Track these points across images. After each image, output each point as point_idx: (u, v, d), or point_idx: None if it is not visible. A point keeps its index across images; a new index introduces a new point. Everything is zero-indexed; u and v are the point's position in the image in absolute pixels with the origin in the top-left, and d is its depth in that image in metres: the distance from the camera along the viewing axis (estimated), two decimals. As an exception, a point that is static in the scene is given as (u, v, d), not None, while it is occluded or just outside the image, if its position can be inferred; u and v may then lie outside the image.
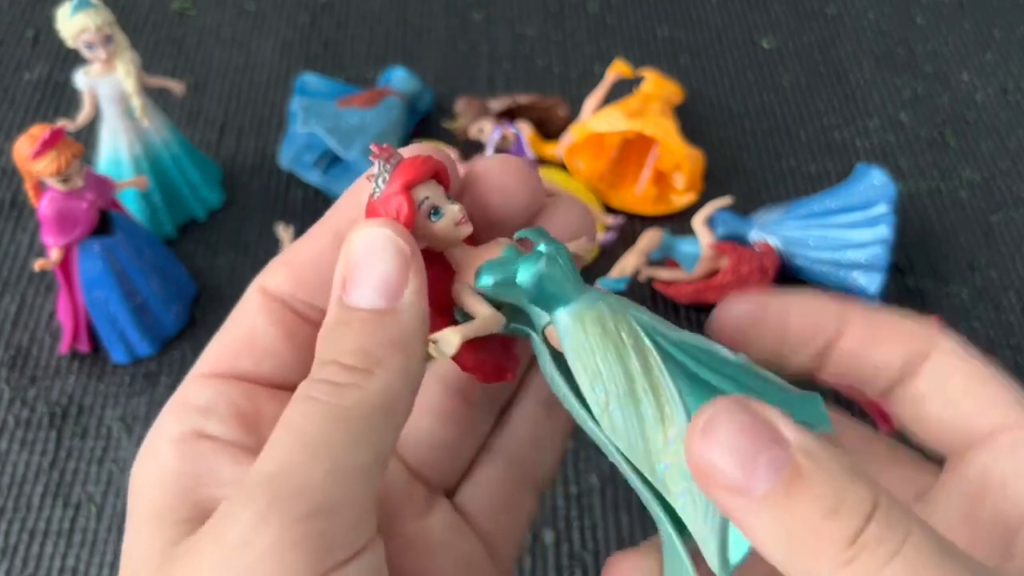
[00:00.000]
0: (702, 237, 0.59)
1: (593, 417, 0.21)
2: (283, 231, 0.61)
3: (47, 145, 0.48)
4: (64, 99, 0.71)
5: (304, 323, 0.23)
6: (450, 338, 0.21)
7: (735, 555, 0.19)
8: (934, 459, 0.24)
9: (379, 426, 0.19)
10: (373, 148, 0.22)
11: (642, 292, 0.60)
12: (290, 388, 0.23)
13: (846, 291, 0.59)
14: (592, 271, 0.61)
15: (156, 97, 0.61)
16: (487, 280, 0.22)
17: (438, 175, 0.22)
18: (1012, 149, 0.70)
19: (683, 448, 0.19)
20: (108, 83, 0.56)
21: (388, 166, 0.22)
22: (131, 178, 0.58)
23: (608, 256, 0.61)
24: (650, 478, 0.20)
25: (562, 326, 0.22)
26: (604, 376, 0.21)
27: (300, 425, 0.19)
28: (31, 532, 0.50)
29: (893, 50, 0.78)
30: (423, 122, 0.70)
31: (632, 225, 0.64)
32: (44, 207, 0.51)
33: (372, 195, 0.22)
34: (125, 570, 0.20)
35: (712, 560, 0.19)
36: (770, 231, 0.60)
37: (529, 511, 0.26)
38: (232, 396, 0.22)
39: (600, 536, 0.50)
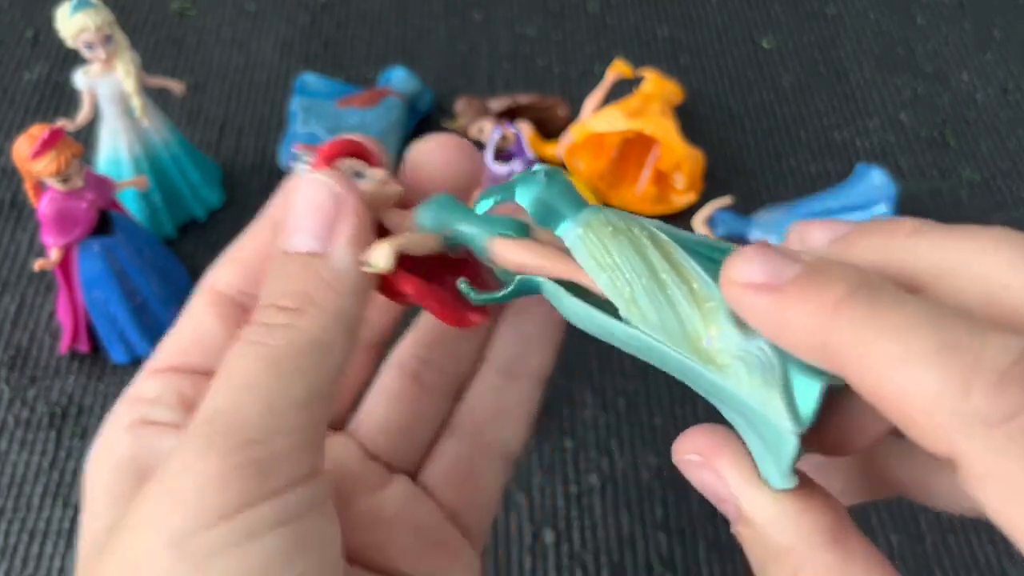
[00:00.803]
0: (702, 237, 0.59)
1: (621, 319, 0.20)
2: (283, 231, 0.61)
3: (47, 145, 0.48)
4: (64, 99, 0.71)
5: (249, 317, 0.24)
6: (381, 248, 0.21)
7: (805, 406, 0.18)
8: None
9: (312, 363, 0.20)
10: (296, 145, 0.23)
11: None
12: None
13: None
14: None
15: (156, 97, 0.61)
16: (485, 203, 0.22)
17: (358, 154, 0.23)
18: (1012, 149, 0.70)
19: (722, 314, 0.19)
20: (108, 83, 0.56)
21: (307, 155, 0.23)
22: (131, 178, 0.58)
23: (608, 256, 0.61)
24: (695, 359, 0.19)
25: (571, 237, 0.21)
26: (624, 270, 0.20)
27: (235, 367, 0.19)
28: (31, 532, 0.50)
29: (893, 50, 0.78)
30: (423, 122, 0.70)
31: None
32: (44, 207, 0.51)
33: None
34: (82, 555, 0.21)
35: (781, 415, 0.18)
36: (770, 231, 0.59)
37: (497, 480, 0.26)
38: (178, 386, 0.22)
39: (600, 536, 0.50)
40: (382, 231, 0.23)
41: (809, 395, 0.18)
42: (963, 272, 0.17)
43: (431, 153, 0.24)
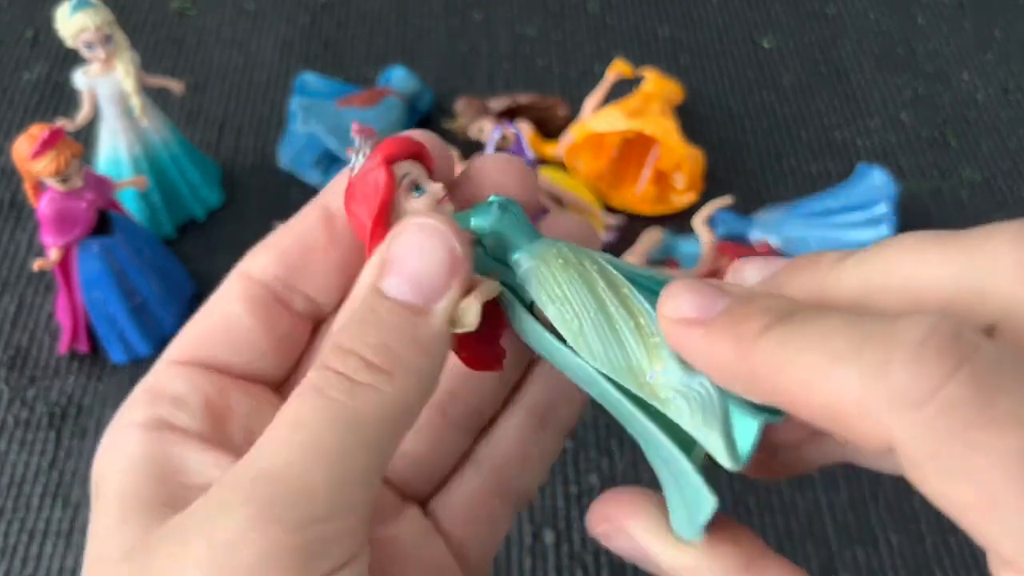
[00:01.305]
0: (703, 237, 0.59)
1: (572, 349, 0.20)
2: (283, 231, 0.61)
3: (46, 145, 0.48)
4: (63, 99, 0.71)
5: (285, 312, 0.22)
6: (471, 306, 0.20)
7: (743, 444, 0.18)
8: None
9: (389, 433, 0.18)
10: (354, 125, 0.22)
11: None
12: (263, 382, 0.23)
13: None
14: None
15: (155, 97, 0.61)
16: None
17: (419, 155, 0.22)
18: (1013, 149, 0.70)
19: (665, 350, 0.19)
20: (107, 83, 0.56)
21: (369, 142, 0.21)
22: (130, 178, 0.58)
23: (608, 256, 0.61)
24: (639, 393, 0.19)
25: (523, 267, 0.21)
26: (573, 303, 0.20)
27: (307, 422, 0.17)
28: (31, 532, 0.50)
29: (894, 50, 0.77)
30: (423, 122, 0.70)
31: (632, 225, 0.64)
32: (43, 207, 0.51)
33: (351, 171, 0.21)
34: (93, 554, 0.19)
35: (719, 452, 0.18)
36: (771, 231, 0.59)
37: (508, 522, 0.25)
38: (204, 388, 0.21)
39: (600, 536, 0.50)
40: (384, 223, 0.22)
41: (747, 433, 0.18)
42: (885, 283, 0.17)
43: (491, 170, 0.22)
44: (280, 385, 0.23)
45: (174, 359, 0.22)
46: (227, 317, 0.22)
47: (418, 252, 0.19)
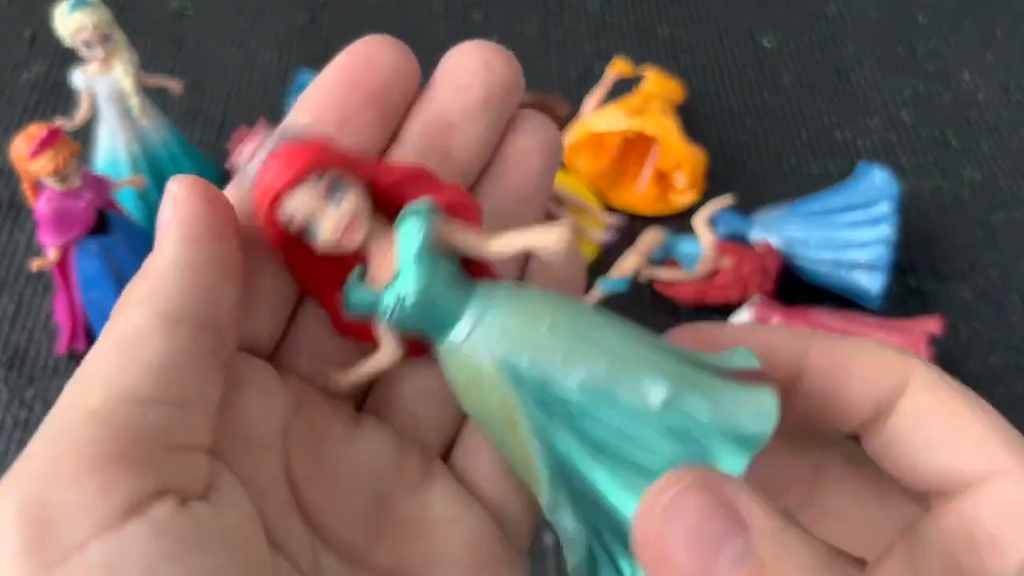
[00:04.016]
0: (703, 237, 0.58)
1: None
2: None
3: (45, 144, 0.48)
4: (62, 98, 0.71)
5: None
6: (338, 384, 0.21)
7: None
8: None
9: None
10: (236, 136, 0.21)
11: (642, 293, 0.60)
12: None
13: (848, 291, 0.59)
14: (593, 271, 0.60)
15: (154, 96, 0.61)
16: (349, 308, 0.20)
17: (319, 165, 0.19)
18: (1014, 148, 0.70)
19: (544, 497, 0.18)
20: (106, 82, 0.56)
21: (251, 167, 0.20)
22: (129, 177, 0.58)
23: (609, 256, 0.61)
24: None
25: (440, 358, 0.20)
26: (474, 410, 0.20)
27: None
28: (29, 534, 0.50)
29: (894, 49, 0.77)
30: (423, 121, 0.70)
31: (632, 225, 0.64)
32: (41, 207, 0.51)
33: (244, 177, 0.21)
34: None
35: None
36: (772, 231, 0.59)
37: None
38: None
39: (601, 537, 0.50)
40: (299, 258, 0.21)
41: None
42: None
43: (467, 59, 0.22)
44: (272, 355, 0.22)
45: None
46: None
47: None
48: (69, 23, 0.53)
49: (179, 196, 0.19)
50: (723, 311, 0.58)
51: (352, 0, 0.80)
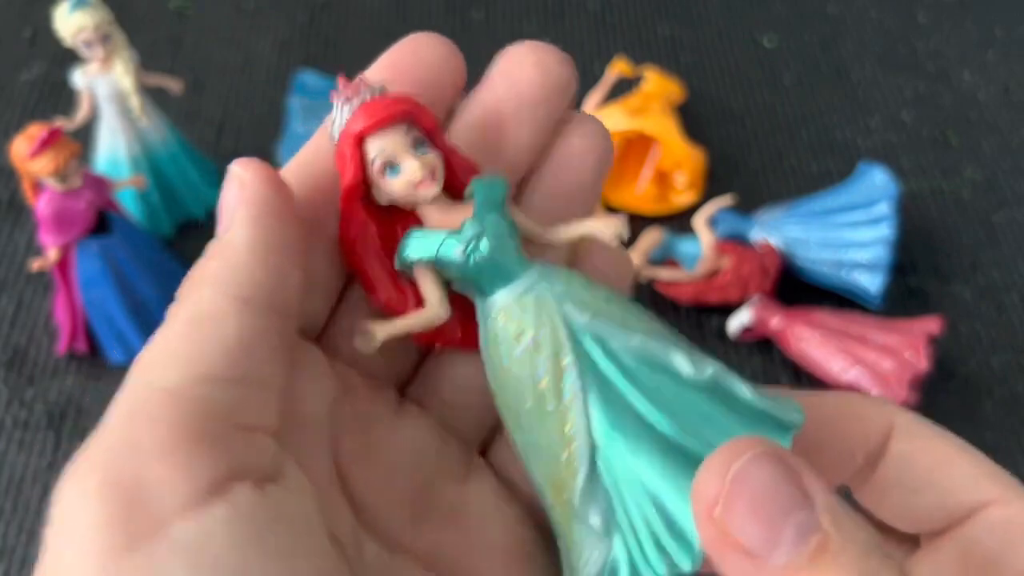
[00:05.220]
0: (703, 237, 0.58)
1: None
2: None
3: (45, 145, 0.48)
4: (62, 98, 0.71)
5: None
6: (373, 335, 0.20)
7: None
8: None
9: None
10: (340, 82, 0.21)
11: (643, 292, 0.60)
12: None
13: (848, 291, 0.59)
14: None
15: (154, 96, 0.61)
16: (405, 255, 0.20)
17: (412, 118, 0.20)
18: (1014, 148, 0.70)
19: (580, 478, 0.18)
20: (106, 82, 0.56)
21: (348, 107, 0.20)
22: (129, 177, 0.58)
23: (609, 256, 0.61)
24: (554, 505, 0.19)
25: (481, 316, 0.20)
26: (512, 390, 0.19)
27: None
28: (29, 533, 0.50)
29: (895, 49, 0.77)
30: (423, 121, 0.69)
31: (633, 225, 0.64)
32: (42, 207, 0.51)
33: (331, 126, 0.21)
34: None
35: None
36: (772, 231, 0.59)
37: None
38: None
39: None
40: (354, 208, 0.21)
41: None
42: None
43: (522, 58, 0.22)
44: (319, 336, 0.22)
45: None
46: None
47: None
48: (69, 23, 0.53)
49: (245, 178, 0.19)
50: (723, 311, 0.58)
51: (351, 0, 0.80)
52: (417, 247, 0.20)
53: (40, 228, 0.51)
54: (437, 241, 0.20)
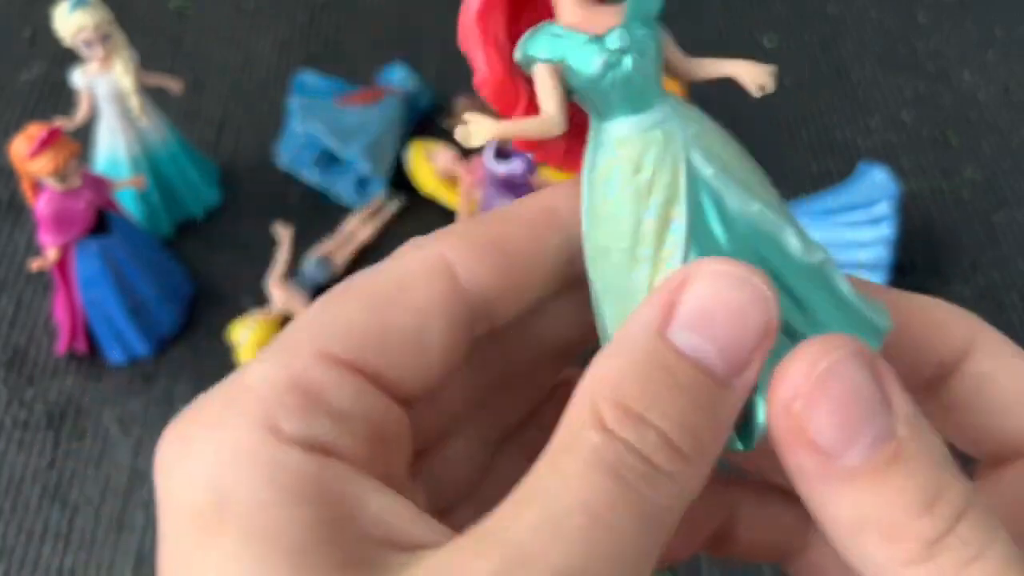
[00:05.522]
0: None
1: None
2: (282, 230, 0.61)
3: (44, 144, 0.48)
4: (61, 98, 0.71)
5: (481, 326, 0.18)
6: (480, 130, 0.18)
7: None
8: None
9: (667, 537, 0.15)
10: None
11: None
12: (441, 417, 0.19)
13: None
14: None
15: (154, 96, 0.61)
16: (531, 50, 0.18)
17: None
18: (1014, 148, 0.70)
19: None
20: (105, 82, 0.56)
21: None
22: (129, 177, 0.58)
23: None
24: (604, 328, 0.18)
25: (594, 140, 0.18)
26: (609, 226, 0.17)
27: (607, 515, 0.14)
28: (28, 533, 0.50)
29: (895, 49, 0.77)
30: (423, 120, 0.69)
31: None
32: (41, 207, 0.51)
33: None
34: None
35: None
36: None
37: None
38: (369, 408, 0.16)
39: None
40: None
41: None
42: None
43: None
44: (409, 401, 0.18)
45: (326, 352, 0.16)
46: (410, 308, 0.17)
47: (733, 314, 0.15)
48: (69, 23, 0.53)
49: None
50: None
51: (351, 0, 0.80)
52: (547, 45, 0.18)
53: (40, 228, 0.51)
54: (574, 44, 0.18)
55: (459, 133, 0.18)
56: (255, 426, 0.15)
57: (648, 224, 0.17)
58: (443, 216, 0.64)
